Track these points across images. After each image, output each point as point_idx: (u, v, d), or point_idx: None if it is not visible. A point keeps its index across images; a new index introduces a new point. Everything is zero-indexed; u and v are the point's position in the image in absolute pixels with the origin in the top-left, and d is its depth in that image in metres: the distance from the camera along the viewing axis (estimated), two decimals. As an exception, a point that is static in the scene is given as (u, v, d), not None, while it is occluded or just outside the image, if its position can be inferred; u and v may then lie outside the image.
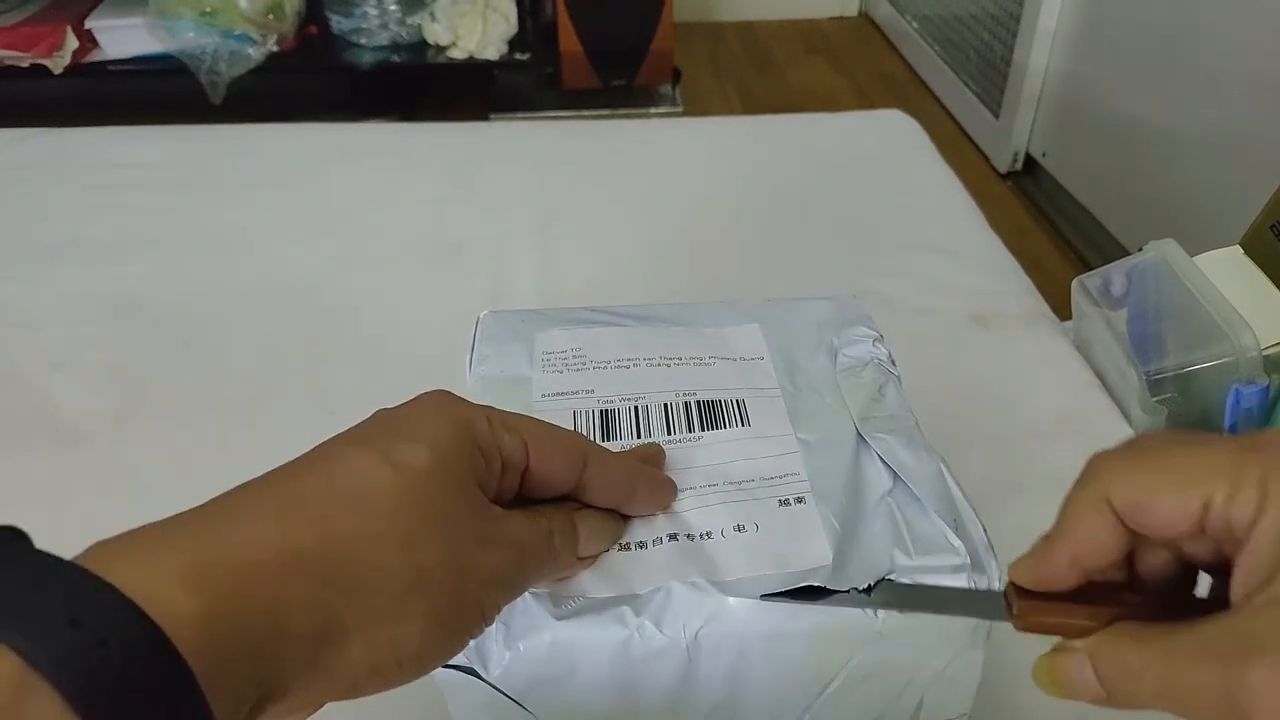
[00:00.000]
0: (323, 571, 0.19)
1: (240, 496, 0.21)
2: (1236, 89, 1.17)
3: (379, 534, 0.21)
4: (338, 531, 0.20)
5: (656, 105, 2.00)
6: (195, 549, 0.18)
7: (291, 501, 0.20)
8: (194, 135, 0.85)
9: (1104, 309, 0.57)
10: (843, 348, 0.37)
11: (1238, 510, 0.19)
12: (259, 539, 0.19)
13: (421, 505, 0.21)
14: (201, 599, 0.17)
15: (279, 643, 0.18)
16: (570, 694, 0.27)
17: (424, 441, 0.22)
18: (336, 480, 0.21)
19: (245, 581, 0.18)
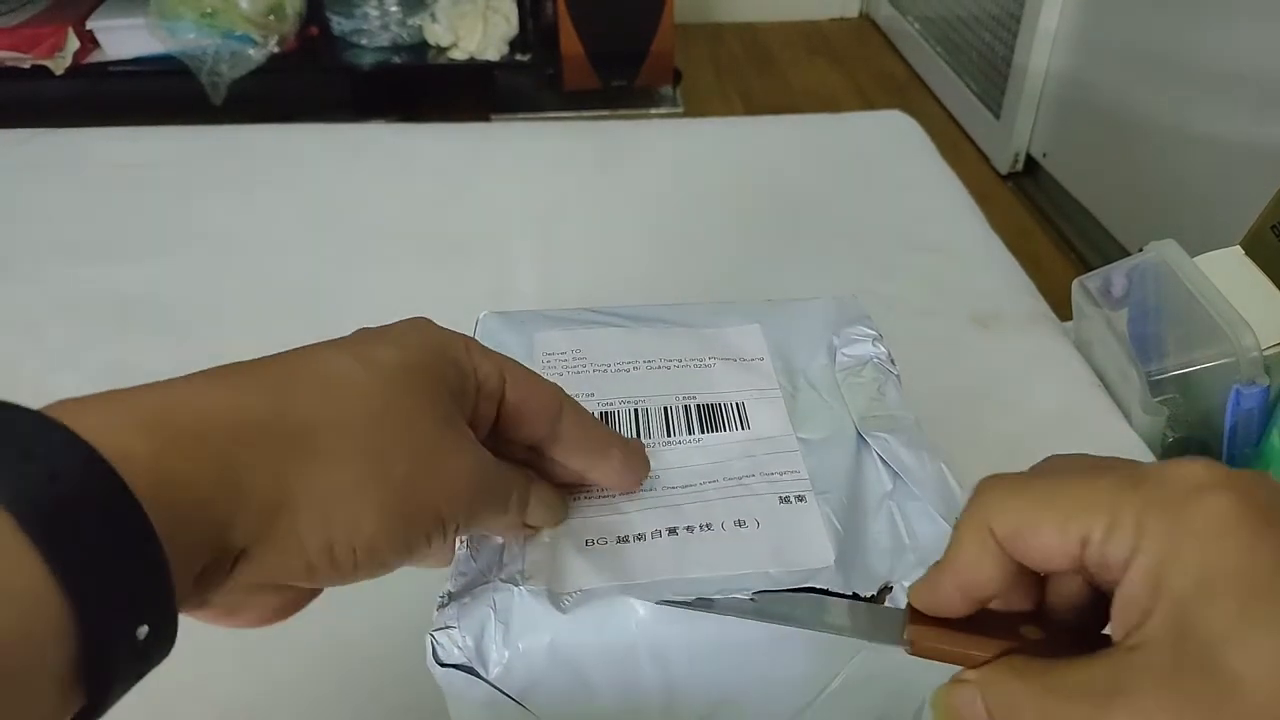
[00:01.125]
0: (280, 441, 0.20)
1: (207, 372, 0.21)
2: (1236, 89, 1.16)
3: (340, 419, 0.21)
4: (299, 409, 0.21)
5: (657, 106, 2.00)
6: (153, 404, 0.19)
7: (256, 377, 0.21)
8: (195, 136, 0.85)
9: (1104, 309, 0.57)
10: (842, 347, 0.37)
11: (1113, 549, 0.18)
12: (219, 402, 0.20)
13: (386, 399, 0.22)
14: (153, 444, 0.18)
15: (231, 501, 0.19)
16: (570, 693, 0.27)
17: (396, 345, 0.23)
18: (304, 367, 0.22)
19: (200, 436, 0.19)
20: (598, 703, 0.28)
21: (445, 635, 0.26)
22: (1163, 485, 0.18)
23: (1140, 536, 0.18)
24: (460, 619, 0.26)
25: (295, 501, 0.20)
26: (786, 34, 2.42)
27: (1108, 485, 0.19)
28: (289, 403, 0.21)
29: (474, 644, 0.26)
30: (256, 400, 0.20)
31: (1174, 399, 0.52)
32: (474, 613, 0.26)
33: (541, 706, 0.27)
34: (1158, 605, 0.17)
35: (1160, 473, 0.19)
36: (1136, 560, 0.18)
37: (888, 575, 0.28)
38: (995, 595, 0.21)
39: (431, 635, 0.26)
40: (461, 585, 0.27)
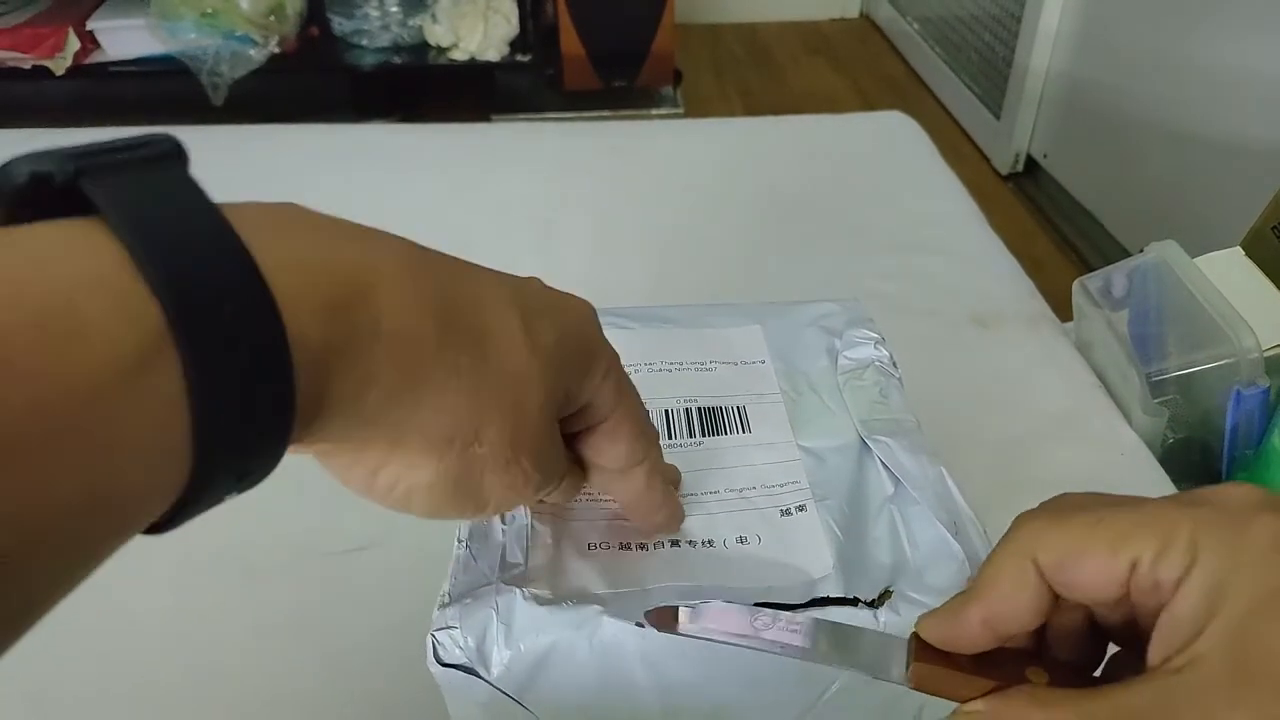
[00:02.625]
0: (421, 362, 0.20)
1: (399, 246, 0.22)
2: (1237, 89, 1.17)
3: (480, 377, 0.21)
4: (457, 341, 0.21)
5: (657, 106, 2.00)
6: (344, 265, 0.19)
7: (443, 285, 0.21)
8: (195, 136, 0.85)
9: (1105, 310, 0.57)
10: (844, 350, 0.37)
11: (1165, 569, 0.18)
12: (400, 300, 0.19)
13: (525, 380, 0.22)
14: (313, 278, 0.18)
15: (366, 341, 0.18)
16: (570, 694, 0.27)
17: (557, 328, 0.23)
18: (485, 302, 0.22)
19: (359, 327, 0.18)
20: (598, 705, 0.28)
21: (446, 635, 0.26)
22: (1217, 506, 0.18)
23: (1196, 554, 0.18)
24: (462, 619, 0.26)
25: (399, 403, 0.20)
26: (787, 34, 2.42)
27: (1157, 508, 0.19)
28: (451, 330, 0.20)
29: (475, 644, 0.26)
30: (425, 316, 0.20)
31: (1174, 400, 0.52)
32: (475, 613, 0.26)
33: (541, 707, 0.27)
34: (1213, 622, 0.17)
35: (1212, 495, 0.19)
36: (1191, 577, 0.18)
37: (888, 580, 0.28)
38: (1022, 630, 0.21)
39: (433, 635, 0.26)
40: (463, 586, 0.27)
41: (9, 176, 0.15)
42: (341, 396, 0.18)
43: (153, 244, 0.15)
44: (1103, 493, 0.22)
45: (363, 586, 0.42)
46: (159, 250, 0.15)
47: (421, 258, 0.21)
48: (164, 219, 0.15)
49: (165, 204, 0.16)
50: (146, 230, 0.15)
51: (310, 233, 0.19)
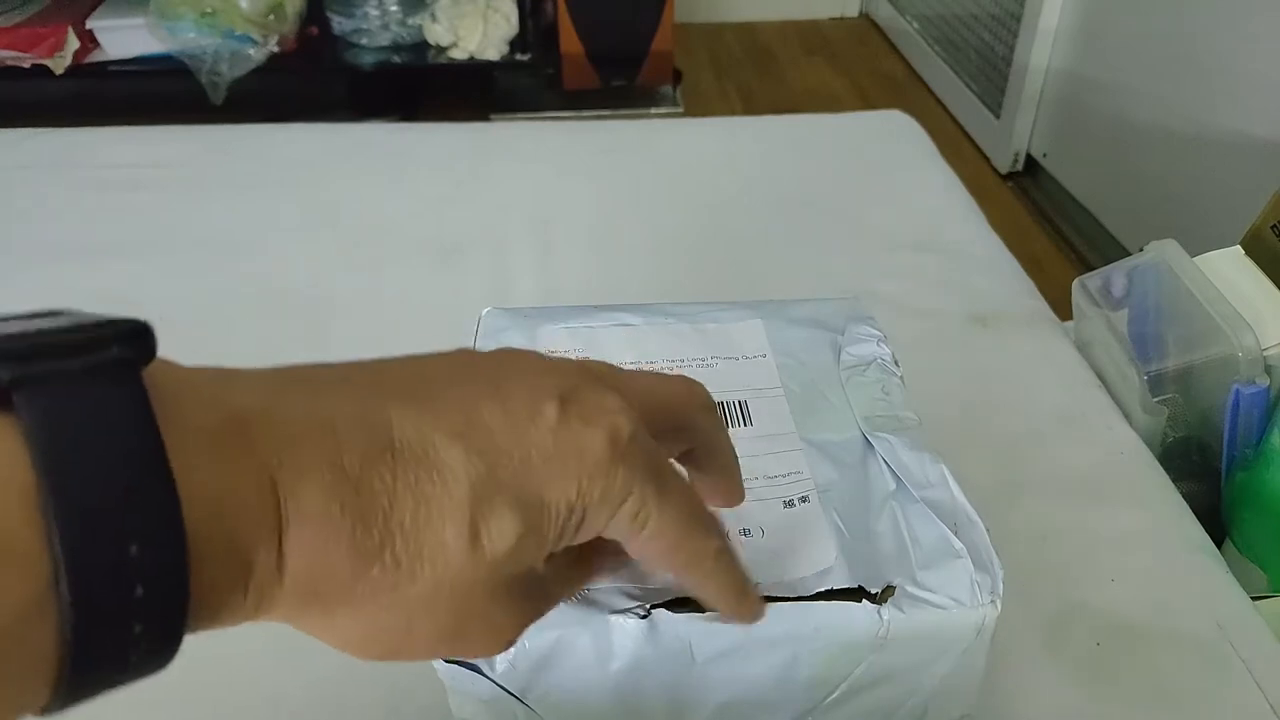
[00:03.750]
0: (340, 555, 0.18)
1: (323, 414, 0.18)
2: (1237, 89, 1.17)
3: (397, 588, 0.18)
4: (379, 533, 0.18)
5: (657, 106, 2.00)
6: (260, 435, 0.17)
7: (351, 465, 0.18)
8: (194, 135, 0.85)
9: (1105, 309, 0.57)
10: (847, 346, 0.37)
11: None
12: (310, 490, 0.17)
13: (461, 591, 0.19)
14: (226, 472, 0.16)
15: (269, 581, 0.17)
16: (573, 691, 0.27)
17: (526, 522, 0.19)
18: (419, 504, 0.18)
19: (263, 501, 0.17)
20: (600, 703, 0.28)
21: None
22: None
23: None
24: None
25: (317, 597, 0.18)
26: (786, 33, 2.42)
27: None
28: (371, 559, 0.18)
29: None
30: (341, 554, 0.18)
31: (1174, 399, 0.52)
32: None
33: (545, 704, 0.27)
34: None
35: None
36: None
37: (891, 575, 0.28)
38: None
39: None
40: None
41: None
42: (240, 614, 0.17)
43: (63, 487, 0.14)
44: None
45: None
46: (67, 495, 0.14)
47: (368, 467, 0.18)
48: (87, 455, 0.14)
49: (95, 435, 0.15)
50: (61, 469, 0.14)
51: (239, 453, 0.17)
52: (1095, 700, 0.38)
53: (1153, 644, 0.40)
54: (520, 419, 0.20)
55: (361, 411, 0.19)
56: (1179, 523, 0.47)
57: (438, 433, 0.19)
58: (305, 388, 0.19)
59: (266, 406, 0.18)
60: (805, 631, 0.27)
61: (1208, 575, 0.44)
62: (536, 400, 0.20)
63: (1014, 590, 0.28)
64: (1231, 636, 0.40)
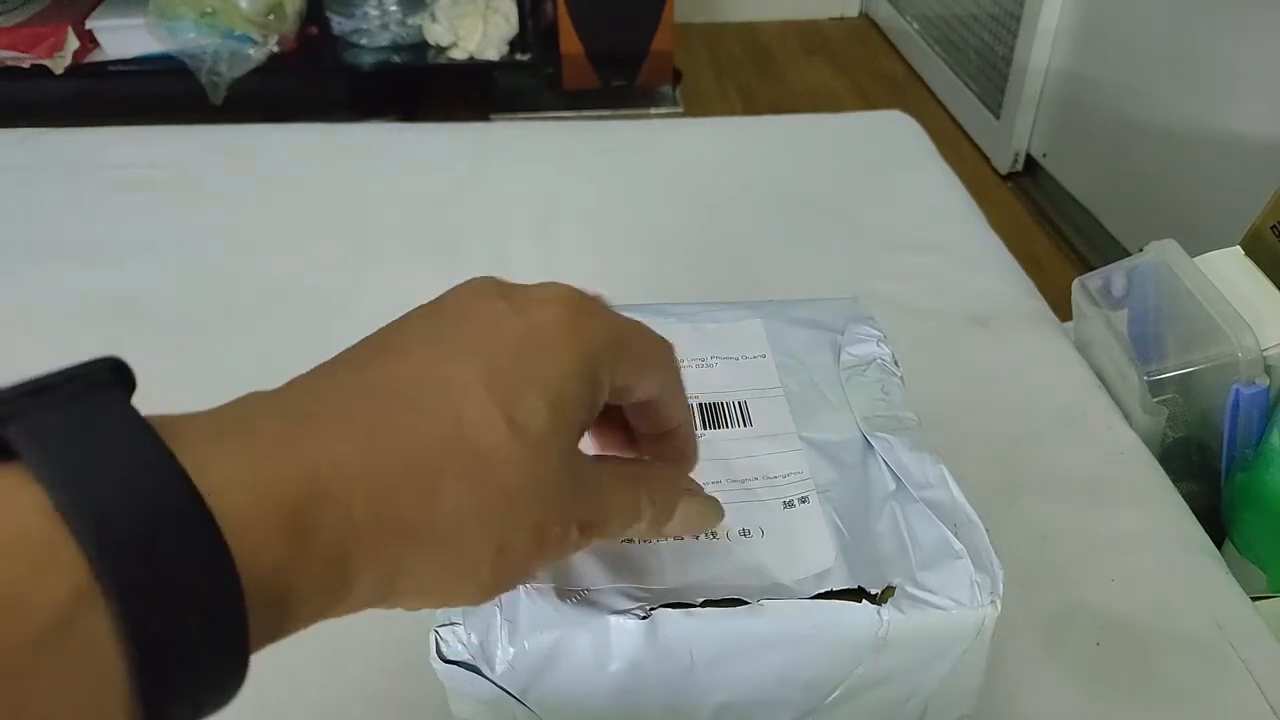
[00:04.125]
0: (401, 536, 0.18)
1: (338, 419, 0.18)
2: (1237, 89, 1.17)
3: (478, 512, 0.19)
4: (440, 502, 0.19)
5: (657, 106, 2.00)
6: (286, 473, 0.17)
7: (397, 436, 0.18)
8: (194, 135, 0.85)
9: (1104, 309, 0.57)
10: (847, 346, 0.37)
11: None
12: (347, 487, 0.17)
13: (530, 479, 0.20)
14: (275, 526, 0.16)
15: (333, 547, 0.17)
16: (573, 692, 0.27)
17: (546, 396, 0.20)
18: (459, 431, 0.19)
19: (315, 526, 0.17)
20: (601, 703, 0.28)
21: (450, 631, 0.26)
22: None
23: None
24: (465, 616, 0.26)
25: (393, 588, 0.19)
26: (786, 34, 2.42)
27: None
28: (429, 493, 0.18)
29: (479, 641, 0.26)
30: (395, 497, 0.18)
31: (1174, 399, 0.52)
32: (479, 610, 0.26)
33: (544, 705, 0.27)
34: None
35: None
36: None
37: (891, 575, 0.28)
38: None
39: (436, 631, 0.26)
40: None
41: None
42: (313, 605, 0.17)
43: (76, 486, 0.14)
44: None
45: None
46: (83, 492, 0.14)
47: (374, 426, 0.18)
48: (90, 457, 0.14)
49: (92, 441, 0.14)
50: (69, 472, 0.14)
51: (259, 438, 0.17)
52: (1095, 700, 0.38)
53: (1153, 644, 0.40)
54: (484, 327, 0.21)
55: (359, 380, 0.20)
56: (1179, 523, 0.47)
57: (433, 362, 0.20)
58: (302, 384, 0.20)
59: (265, 402, 0.19)
60: (805, 632, 0.27)
61: (1208, 575, 0.44)
62: (486, 307, 0.22)
63: (1014, 590, 0.28)
64: (1231, 637, 0.40)
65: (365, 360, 0.21)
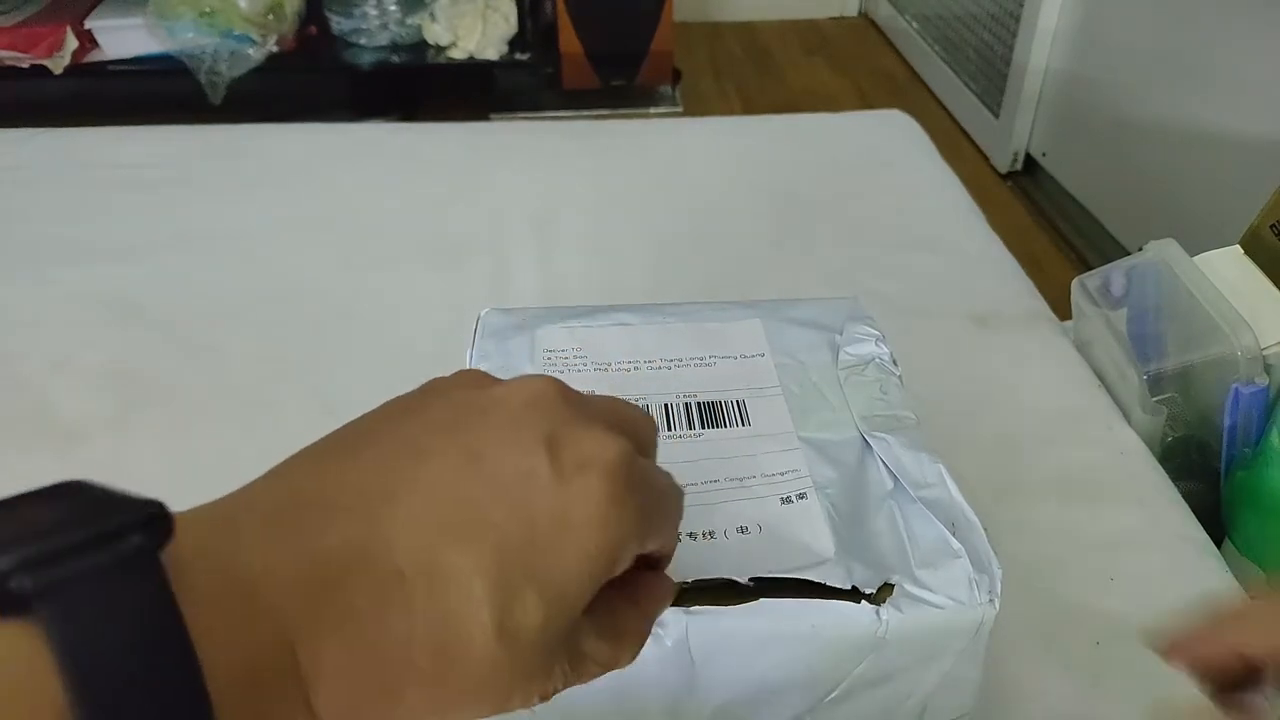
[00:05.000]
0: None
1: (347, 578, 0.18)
2: (1236, 88, 1.17)
3: (437, 700, 0.18)
4: (402, 702, 0.18)
5: (656, 105, 2.00)
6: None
7: (375, 651, 0.18)
8: (194, 135, 0.85)
9: (1104, 309, 0.57)
10: (845, 345, 0.37)
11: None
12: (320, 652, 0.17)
13: (501, 674, 0.19)
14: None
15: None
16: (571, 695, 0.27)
17: (548, 595, 0.19)
18: (443, 631, 0.18)
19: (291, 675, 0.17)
20: (601, 702, 0.28)
21: None
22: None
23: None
24: None
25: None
26: (786, 33, 2.42)
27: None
28: (388, 702, 0.18)
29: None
30: (358, 692, 0.17)
31: (1173, 398, 0.52)
32: None
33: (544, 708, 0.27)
34: None
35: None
36: None
37: (888, 573, 0.28)
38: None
39: None
40: None
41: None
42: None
43: (92, 698, 0.14)
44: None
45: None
46: (97, 705, 0.14)
47: (359, 625, 0.18)
48: (114, 661, 0.14)
49: (121, 640, 0.14)
50: (88, 678, 0.14)
51: (254, 623, 0.17)
52: (1095, 700, 0.38)
53: (1152, 643, 0.40)
54: (513, 489, 0.19)
55: (360, 543, 0.18)
56: (1178, 522, 0.47)
57: (439, 540, 0.18)
58: (300, 526, 0.18)
59: (269, 565, 0.17)
60: (804, 631, 0.27)
61: (1207, 575, 0.44)
62: (522, 457, 0.19)
63: (1013, 590, 0.28)
64: (1231, 636, 0.40)
65: (376, 496, 0.19)
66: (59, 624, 0.14)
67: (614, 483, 0.19)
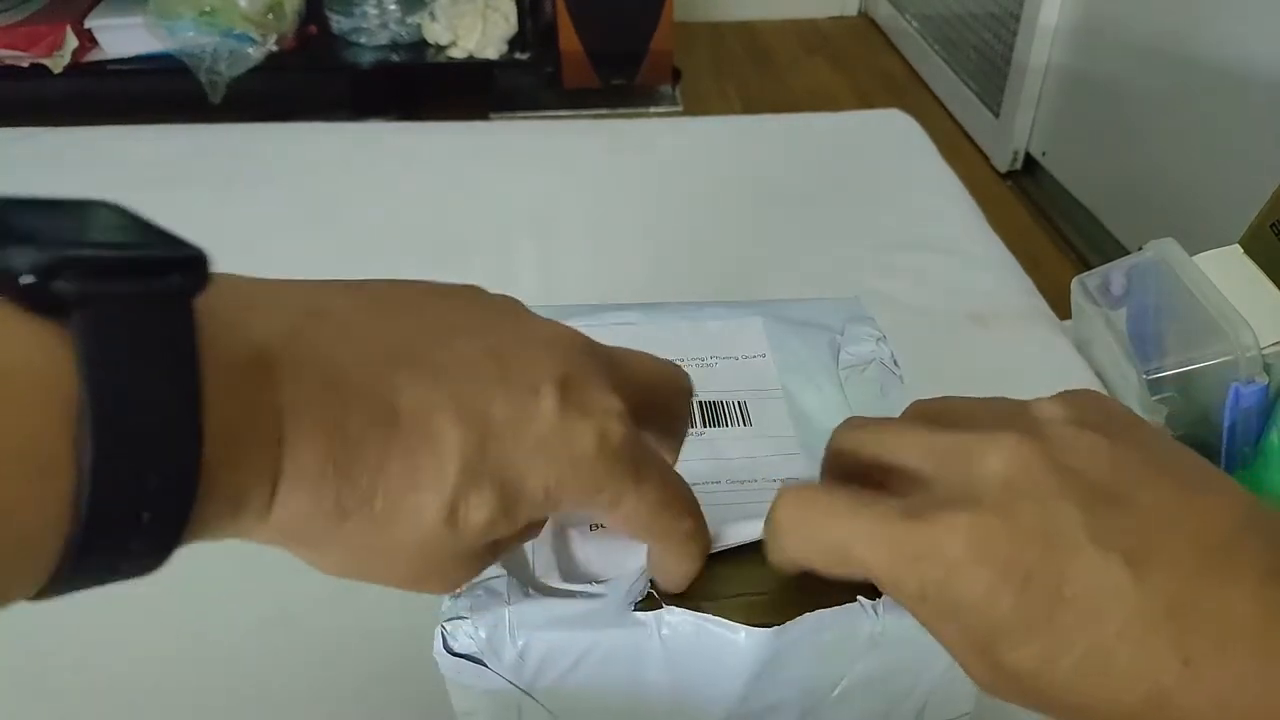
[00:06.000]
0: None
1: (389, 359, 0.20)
2: (1236, 87, 1.17)
3: (386, 566, 0.21)
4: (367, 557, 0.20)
5: (656, 105, 2.00)
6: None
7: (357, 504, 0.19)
8: (194, 135, 0.85)
9: (1104, 308, 0.57)
10: (846, 345, 0.37)
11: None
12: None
13: (438, 557, 0.21)
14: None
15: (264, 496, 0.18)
16: (579, 686, 0.27)
17: (504, 502, 0.20)
18: (402, 481, 0.19)
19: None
20: (607, 698, 0.28)
21: (457, 625, 0.26)
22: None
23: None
24: (473, 610, 0.26)
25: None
26: (785, 33, 2.42)
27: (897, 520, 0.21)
28: (356, 483, 0.19)
29: (486, 635, 0.26)
30: (323, 487, 0.18)
31: (1173, 398, 0.52)
32: (487, 604, 0.26)
33: (550, 699, 0.27)
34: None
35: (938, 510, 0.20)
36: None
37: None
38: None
39: (443, 626, 0.26)
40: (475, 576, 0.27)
41: (8, 258, 0.15)
42: (224, 534, 0.18)
43: (101, 412, 0.15)
44: (943, 402, 0.26)
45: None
46: (104, 419, 0.15)
47: (368, 431, 0.19)
48: (132, 384, 0.15)
49: (142, 365, 0.15)
50: (104, 394, 0.15)
51: (257, 397, 0.18)
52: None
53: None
54: (519, 398, 0.20)
55: (372, 377, 0.19)
56: (1178, 521, 0.47)
57: (439, 408, 0.19)
58: (328, 328, 0.20)
59: (291, 349, 0.18)
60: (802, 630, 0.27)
61: (1206, 574, 0.44)
62: (537, 379, 0.20)
63: (1013, 589, 0.28)
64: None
65: (401, 351, 0.20)
66: (89, 337, 0.15)
67: (602, 442, 0.21)
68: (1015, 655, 0.19)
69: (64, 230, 0.16)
